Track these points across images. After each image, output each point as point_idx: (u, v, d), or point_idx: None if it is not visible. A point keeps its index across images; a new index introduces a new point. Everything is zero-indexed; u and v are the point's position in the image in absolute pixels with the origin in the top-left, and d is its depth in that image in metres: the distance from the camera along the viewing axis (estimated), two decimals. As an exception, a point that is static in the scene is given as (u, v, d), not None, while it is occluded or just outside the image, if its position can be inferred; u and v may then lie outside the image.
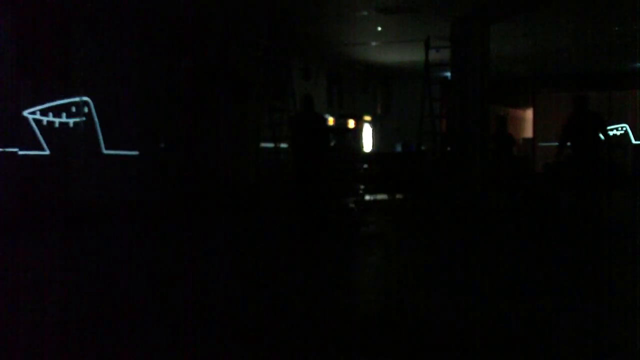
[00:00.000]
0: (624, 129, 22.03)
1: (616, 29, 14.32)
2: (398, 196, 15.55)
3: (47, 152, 10.79)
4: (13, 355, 4.27)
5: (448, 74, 15.40)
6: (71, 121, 11.18)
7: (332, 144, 12.91)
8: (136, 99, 12.53)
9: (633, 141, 21.63)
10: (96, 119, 11.59)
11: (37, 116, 10.61)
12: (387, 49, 16.84)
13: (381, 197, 15.83)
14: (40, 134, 10.67)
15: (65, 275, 6.86)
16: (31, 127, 10.54)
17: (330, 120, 17.21)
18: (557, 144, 10.10)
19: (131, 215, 11.62)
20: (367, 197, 15.66)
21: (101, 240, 9.46)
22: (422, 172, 14.47)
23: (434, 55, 14.29)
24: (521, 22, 13.83)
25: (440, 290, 6.10)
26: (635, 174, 18.88)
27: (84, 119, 11.38)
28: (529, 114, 24.47)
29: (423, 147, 15.54)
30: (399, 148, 18.63)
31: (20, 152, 10.36)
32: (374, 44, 16.31)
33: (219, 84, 14.40)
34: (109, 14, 11.81)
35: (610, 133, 21.26)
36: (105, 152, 11.84)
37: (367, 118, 19.54)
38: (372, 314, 5.28)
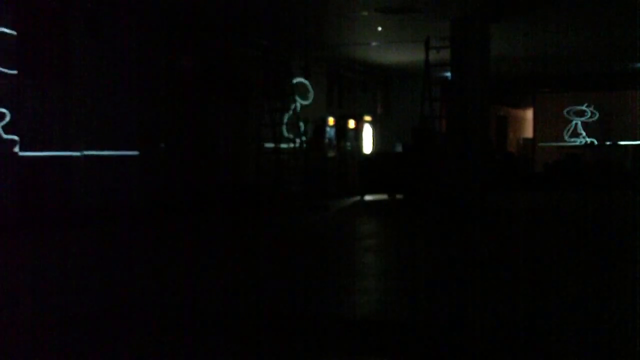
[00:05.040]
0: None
1: (616, 29, 14.30)
2: (398, 196, 15.59)
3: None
4: (13, 355, 4.27)
5: (448, 74, 15.39)
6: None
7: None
8: (136, 99, 12.51)
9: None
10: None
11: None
12: (387, 49, 16.83)
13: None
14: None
15: (65, 275, 6.86)
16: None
17: (331, 121, 17.20)
18: (557, 144, 10.16)
19: (131, 216, 11.62)
20: (368, 197, 15.70)
21: (101, 240, 9.46)
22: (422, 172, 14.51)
23: (434, 56, 14.29)
24: (521, 22, 13.83)
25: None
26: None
27: None
28: (529, 114, 24.46)
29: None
30: (399, 148, 18.62)
31: (21, 153, 10.37)
32: (374, 44, 16.30)
33: (219, 84, 14.40)
34: (109, 14, 11.80)
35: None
36: (105, 152, 11.85)
37: (367, 118, 19.48)
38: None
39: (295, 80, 16.44)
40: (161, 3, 12.21)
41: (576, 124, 22.53)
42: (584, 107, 22.51)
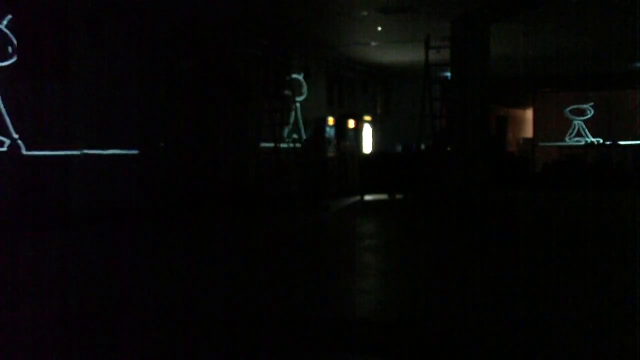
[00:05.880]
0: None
1: (616, 29, 14.30)
2: (398, 196, 15.59)
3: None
4: (13, 355, 4.27)
5: (448, 74, 15.38)
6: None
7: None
8: (136, 99, 12.51)
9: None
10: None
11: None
12: (387, 49, 16.82)
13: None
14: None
15: (64, 275, 6.86)
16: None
17: (331, 121, 17.19)
18: (557, 144, 10.18)
19: (131, 215, 11.61)
20: (368, 197, 15.70)
21: (100, 240, 9.45)
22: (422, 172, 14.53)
23: (434, 55, 14.28)
24: (521, 22, 13.82)
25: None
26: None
27: None
28: (529, 114, 24.45)
29: (423, 147, 15.62)
30: (399, 148, 18.62)
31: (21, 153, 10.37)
32: (374, 44, 16.30)
33: (219, 84, 14.40)
34: (109, 14, 11.80)
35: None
36: (105, 151, 11.85)
37: (367, 118, 19.47)
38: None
39: (289, 77, 16.47)
40: (161, 3, 12.21)
41: (577, 124, 22.55)
42: (585, 106, 22.54)
